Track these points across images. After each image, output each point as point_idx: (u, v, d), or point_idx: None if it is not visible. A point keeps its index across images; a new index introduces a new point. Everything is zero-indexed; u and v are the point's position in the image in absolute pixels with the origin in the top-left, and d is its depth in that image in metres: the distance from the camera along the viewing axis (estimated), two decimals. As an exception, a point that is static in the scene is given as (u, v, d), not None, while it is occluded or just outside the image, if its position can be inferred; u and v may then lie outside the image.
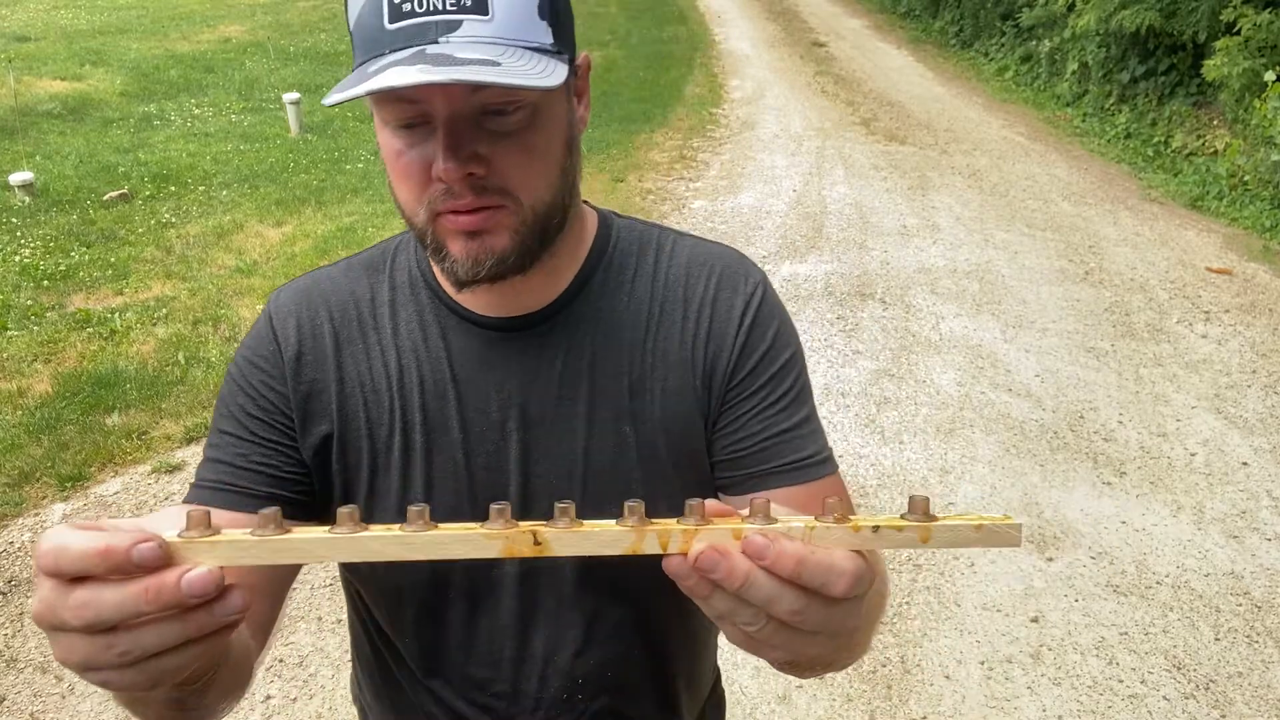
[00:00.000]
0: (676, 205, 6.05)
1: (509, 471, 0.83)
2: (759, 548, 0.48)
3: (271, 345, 0.85)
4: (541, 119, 0.74)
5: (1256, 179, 6.02)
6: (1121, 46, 8.03)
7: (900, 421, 3.64)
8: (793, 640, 0.51)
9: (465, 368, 0.83)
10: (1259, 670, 2.49)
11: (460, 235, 0.74)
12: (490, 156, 0.72)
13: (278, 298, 0.88)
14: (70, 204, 5.93)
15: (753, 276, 0.88)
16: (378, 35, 0.69)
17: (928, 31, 12.67)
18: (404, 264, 0.88)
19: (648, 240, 0.89)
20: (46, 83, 8.81)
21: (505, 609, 0.87)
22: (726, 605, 0.49)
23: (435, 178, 0.72)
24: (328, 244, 5.23)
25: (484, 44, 0.68)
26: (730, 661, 2.50)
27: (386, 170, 0.78)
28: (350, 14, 0.73)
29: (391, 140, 0.74)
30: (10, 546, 2.92)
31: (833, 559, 0.49)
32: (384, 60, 0.68)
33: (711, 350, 0.85)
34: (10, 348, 4.11)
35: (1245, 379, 4.00)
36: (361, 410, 0.84)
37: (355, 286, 0.87)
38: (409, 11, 0.68)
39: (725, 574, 0.48)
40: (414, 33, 0.68)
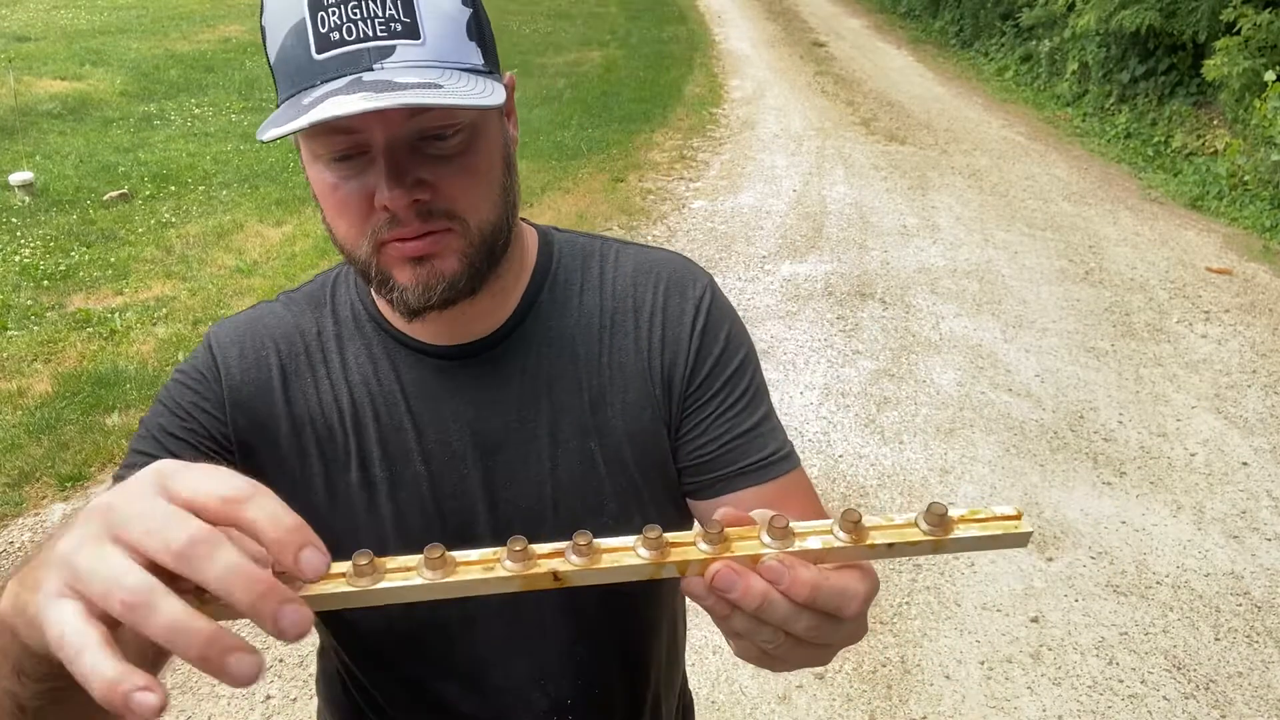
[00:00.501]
0: (676, 205, 6.05)
1: (476, 499, 0.82)
2: (775, 573, 0.48)
3: (209, 369, 0.82)
4: (479, 140, 0.73)
5: (1256, 179, 6.02)
6: (1121, 46, 8.03)
7: (900, 421, 3.64)
8: (807, 655, 0.53)
9: (420, 400, 0.82)
10: (1259, 670, 2.49)
11: (407, 263, 0.73)
12: (434, 181, 0.71)
13: (218, 330, 0.85)
14: (70, 204, 5.93)
15: (700, 280, 0.88)
16: (305, 66, 0.67)
17: (928, 31, 12.66)
18: (345, 298, 0.86)
19: (590, 252, 0.88)
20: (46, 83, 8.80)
21: (489, 637, 0.86)
22: (745, 625, 0.50)
23: (380, 207, 0.70)
24: (328, 244, 5.21)
25: (420, 68, 0.67)
26: (730, 661, 2.50)
27: (320, 206, 0.76)
28: (269, 48, 0.71)
29: (324, 174, 0.72)
30: (10, 546, 2.92)
31: (846, 584, 0.50)
32: (317, 91, 0.66)
33: (668, 357, 0.84)
34: (10, 348, 4.11)
35: (1245, 379, 4.00)
36: (314, 446, 0.82)
37: (300, 320, 0.85)
38: (338, 40, 0.66)
39: (742, 594, 0.48)
40: (345, 61, 0.66)
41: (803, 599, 0.49)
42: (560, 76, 9.70)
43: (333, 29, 0.66)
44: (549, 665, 0.87)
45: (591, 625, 0.87)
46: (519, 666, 0.87)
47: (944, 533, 0.50)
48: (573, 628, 0.87)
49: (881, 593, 2.75)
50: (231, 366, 0.82)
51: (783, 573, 0.48)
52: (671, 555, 0.49)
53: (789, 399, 3.78)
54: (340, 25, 0.66)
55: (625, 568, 0.48)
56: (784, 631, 0.50)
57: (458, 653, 0.86)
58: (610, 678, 0.90)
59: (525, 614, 0.85)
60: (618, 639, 0.89)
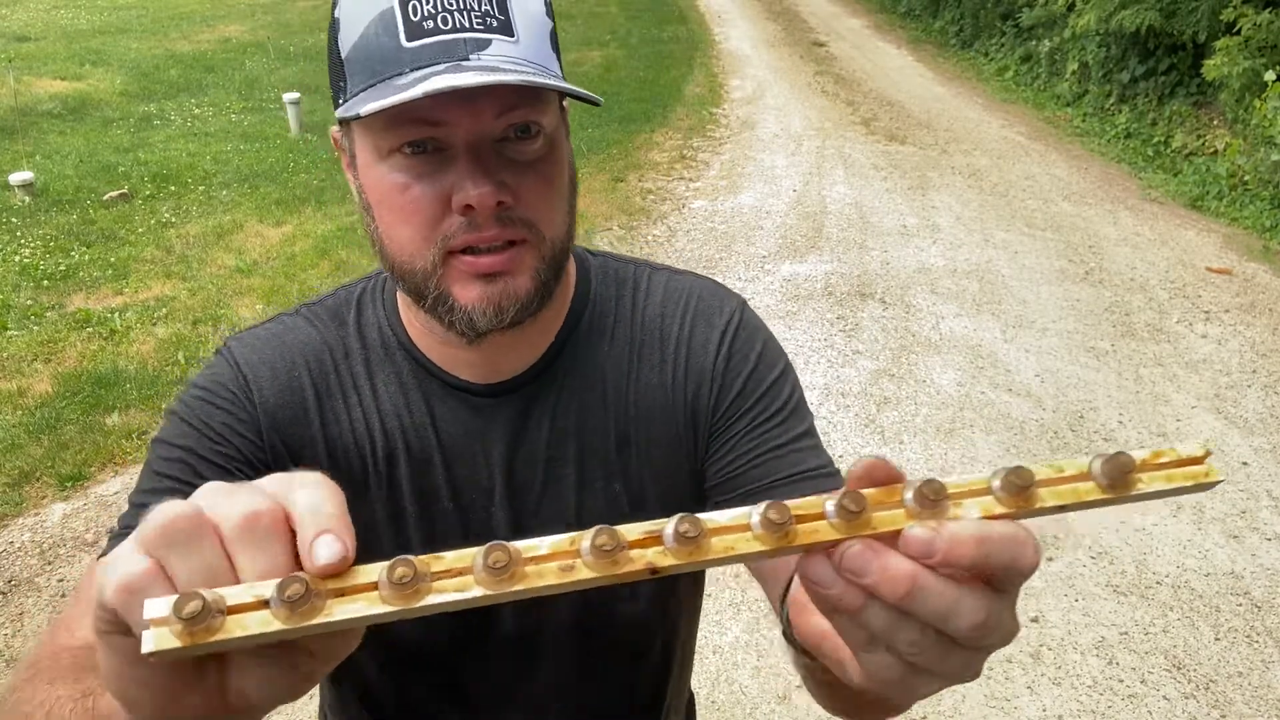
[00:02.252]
0: (676, 205, 6.05)
1: (502, 538, 0.80)
2: (924, 545, 0.38)
3: (239, 388, 0.77)
4: (556, 150, 0.71)
5: (1256, 179, 6.02)
6: (1121, 46, 8.03)
7: (900, 421, 3.64)
8: (964, 662, 0.41)
9: (451, 435, 0.79)
10: (1259, 670, 2.49)
11: (475, 280, 0.68)
12: (515, 186, 0.67)
13: (240, 347, 0.80)
14: (70, 204, 5.93)
15: (728, 305, 0.84)
16: (392, 54, 0.64)
17: (928, 31, 12.66)
18: (371, 320, 0.81)
19: (624, 279, 0.86)
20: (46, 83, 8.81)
21: (503, 656, 0.84)
22: (884, 622, 0.39)
23: (459, 207, 0.66)
24: (328, 244, 5.23)
25: (519, 63, 0.65)
26: (730, 661, 2.50)
27: (372, 212, 0.71)
28: (343, 39, 0.67)
29: (391, 174, 0.67)
30: (10, 546, 2.92)
31: (1012, 528, 0.39)
32: (412, 75, 0.63)
33: (691, 389, 0.81)
34: (10, 348, 4.11)
35: (1245, 379, 4.00)
36: (346, 474, 0.78)
37: (327, 338, 0.81)
38: (431, 29, 0.64)
39: (879, 578, 0.38)
40: (440, 50, 0.64)
41: (969, 560, 0.37)
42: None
43: (426, 17, 0.64)
44: (566, 681, 0.86)
45: (601, 653, 0.86)
46: (526, 690, 0.86)
47: (1124, 489, 0.40)
48: (580, 655, 0.85)
49: (881, 593, 2.76)
50: (264, 386, 0.77)
51: (934, 542, 0.38)
52: (798, 538, 0.39)
53: (789, 399, 3.78)
54: (434, 14, 0.64)
55: (737, 555, 0.40)
56: (936, 630, 0.39)
57: (475, 668, 0.85)
58: (627, 690, 0.90)
59: (543, 632, 0.84)
60: (631, 651, 0.88)
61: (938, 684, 0.42)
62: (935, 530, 0.38)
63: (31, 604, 2.70)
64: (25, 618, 2.65)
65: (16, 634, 2.60)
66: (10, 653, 2.54)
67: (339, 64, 0.68)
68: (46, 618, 2.65)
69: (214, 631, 0.36)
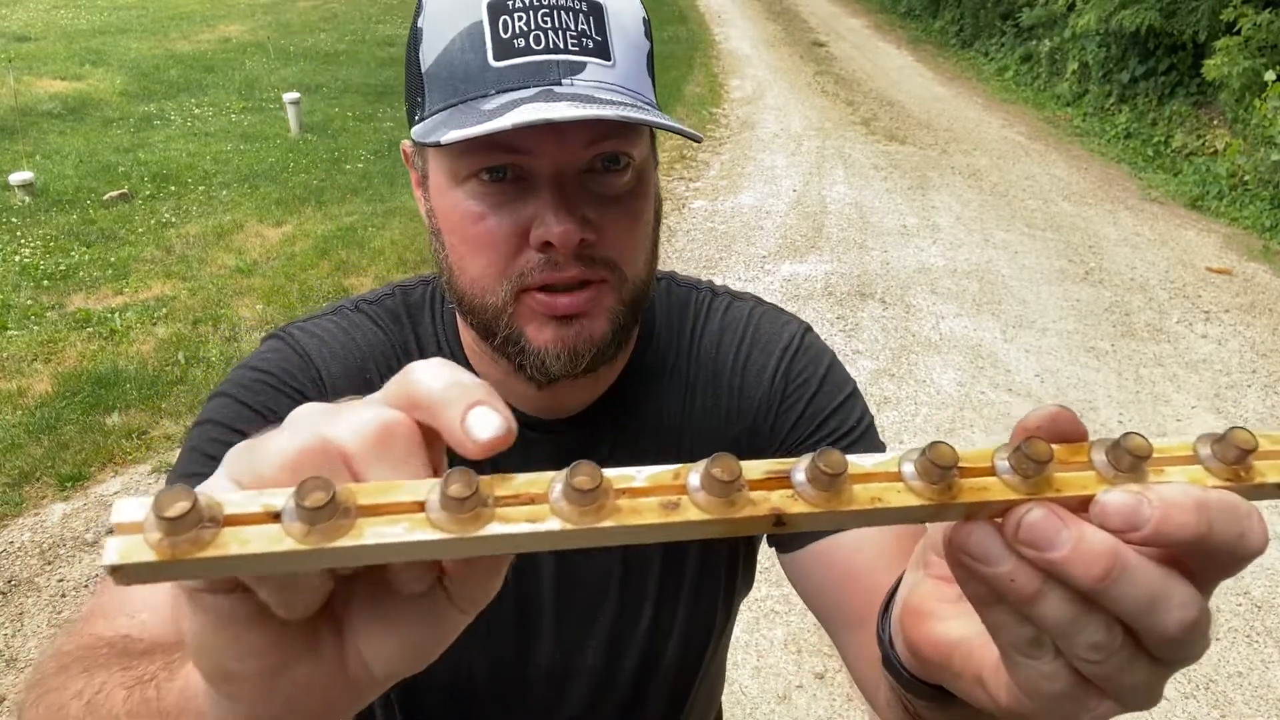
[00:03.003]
0: (676, 205, 6.05)
1: (545, 571, 0.77)
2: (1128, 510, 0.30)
3: (309, 378, 0.71)
4: (644, 185, 0.66)
5: (1256, 179, 6.02)
6: (1121, 46, 8.03)
7: (900, 421, 3.64)
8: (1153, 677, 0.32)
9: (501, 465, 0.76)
10: (1259, 670, 2.49)
11: (550, 321, 0.63)
12: (599, 222, 0.63)
13: (303, 333, 0.74)
14: (70, 204, 5.93)
15: (787, 331, 0.80)
16: (477, 73, 0.60)
17: (928, 31, 12.66)
18: (430, 333, 0.76)
19: (686, 306, 0.81)
20: (46, 83, 8.81)
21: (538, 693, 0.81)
22: (1066, 613, 0.31)
23: (538, 243, 0.61)
24: (328, 244, 5.23)
25: (614, 90, 0.60)
26: (730, 661, 2.50)
27: (443, 239, 0.65)
28: (425, 51, 0.63)
29: (465, 202, 0.62)
30: (10, 546, 2.92)
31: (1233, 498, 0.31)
32: (498, 99, 0.58)
33: (746, 420, 0.77)
34: (10, 348, 4.11)
35: (1245, 379, 4.00)
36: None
37: (393, 340, 0.76)
38: (522, 48, 0.59)
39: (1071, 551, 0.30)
40: (531, 71, 0.59)
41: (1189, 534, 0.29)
42: (560, 76, 9.68)
43: (517, 35, 0.59)
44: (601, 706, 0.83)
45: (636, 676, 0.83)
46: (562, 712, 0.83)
47: None
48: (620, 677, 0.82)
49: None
50: (336, 381, 0.72)
51: (1140, 509, 0.29)
52: (963, 494, 0.31)
53: (789, 399, 3.78)
54: (526, 33, 0.59)
55: (886, 511, 0.31)
56: (1127, 628, 0.31)
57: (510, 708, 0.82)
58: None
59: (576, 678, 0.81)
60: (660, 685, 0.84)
61: (1106, 709, 0.33)
62: (1141, 495, 0.30)
63: (31, 604, 2.70)
64: (25, 618, 2.65)
65: (16, 634, 2.60)
66: (10, 653, 2.54)
67: (418, 77, 0.64)
68: (46, 618, 2.65)
69: (203, 545, 0.28)
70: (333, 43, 11.45)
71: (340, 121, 7.98)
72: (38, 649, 2.54)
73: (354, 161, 6.97)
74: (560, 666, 0.80)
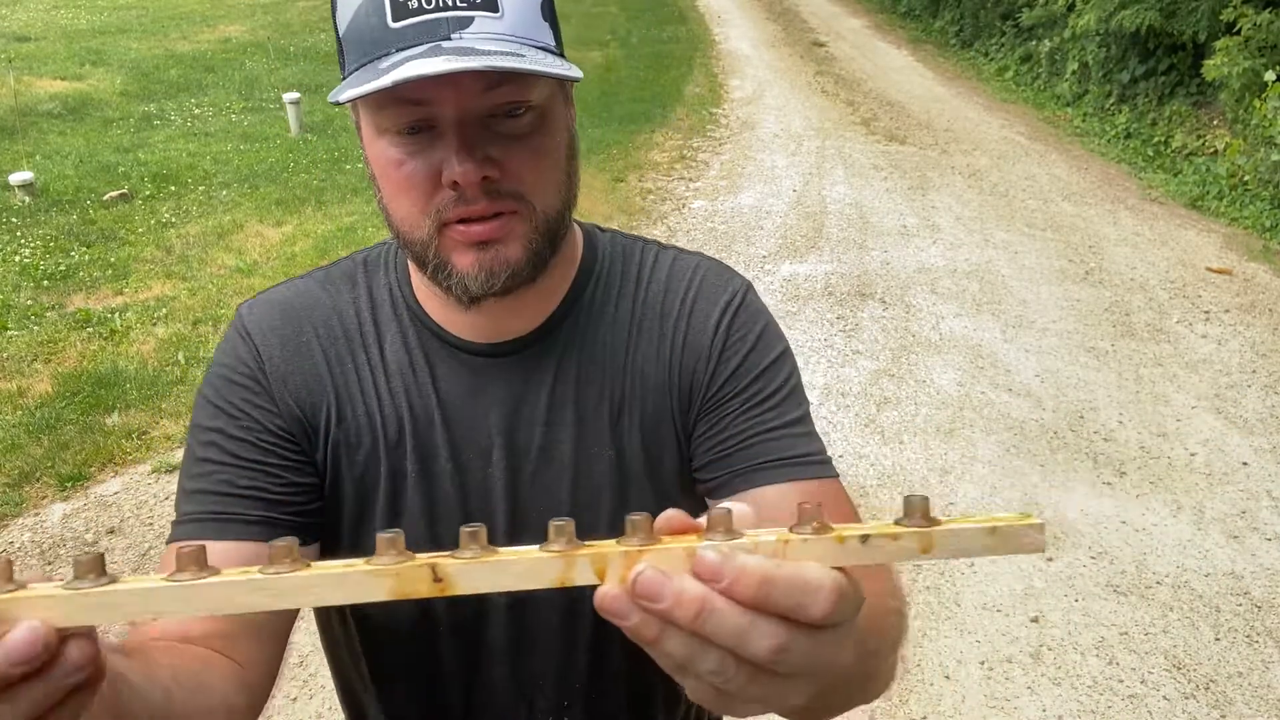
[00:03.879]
0: (676, 205, 6.05)
1: (498, 498, 0.82)
2: (712, 566, 0.38)
3: (253, 360, 0.80)
4: (549, 122, 0.73)
5: (1256, 179, 6.02)
6: (1121, 46, 8.03)
7: (900, 421, 3.64)
8: (772, 689, 0.41)
9: (452, 395, 0.81)
10: (1259, 670, 2.49)
11: (470, 248, 0.71)
12: (503, 159, 0.70)
13: (250, 312, 0.83)
14: (70, 204, 5.93)
15: (732, 285, 0.85)
16: (380, 35, 0.67)
17: (928, 31, 12.67)
18: (383, 282, 0.84)
19: (631, 254, 0.87)
20: (46, 83, 8.81)
21: (494, 638, 0.85)
22: (683, 649, 0.39)
23: (448, 183, 0.69)
24: (328, 244, 5.23)
25: (500, 39, 0.67)
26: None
27: (377, 184, 0.74)
28: (340, 19, 0.71)
29: (388, 150, 0.71)
30: (10, 546, 2.92)
31: (804, 573, 0.38)
32: (394, 58, 0.66)
33: (688, 366, 0.82)
34: (10, 348, 4.11)
35: (1245, 379, 4.00)
36: (355, 434, 0.81)
37: (337, 301, 0.83)
38: (415, 8, 0.66)
39: (673, 602, 0.37)
40: (423, 29, 0.66)
41: (750, 595, 0.37)
42: (560, 76, 9.68)
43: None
44: (550, 666, 0.87)
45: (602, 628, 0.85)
46: (521, 666, 0.86)
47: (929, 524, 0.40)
48: (583, 630, 0.86)
49: (881, 593, 2.75)
50: (274, 355, 0.80)
51: (722, 563, 0.38)
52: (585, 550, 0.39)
53: (789, 399, 3.78)
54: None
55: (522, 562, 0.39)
56: (735, 655, 0.39)
57: (466, 655, 0.86)
58: (612, 680, 0.89)
59: (532, 615, 0.84)
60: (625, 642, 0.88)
61: (763, 707, 0.42)
62: (726, 555, 0.38)
63: None
64: (25, 618, 2.65)
65: (16, 634, 2.60)
66: (10, 653, 2.54)
67: (339, 43, 0.71)
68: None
69: None
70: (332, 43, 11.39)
71: (340, 121, 7.98)
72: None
73: (354, 161, 6.97)
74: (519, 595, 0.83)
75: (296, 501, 0.79)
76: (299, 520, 0.79)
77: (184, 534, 0.76)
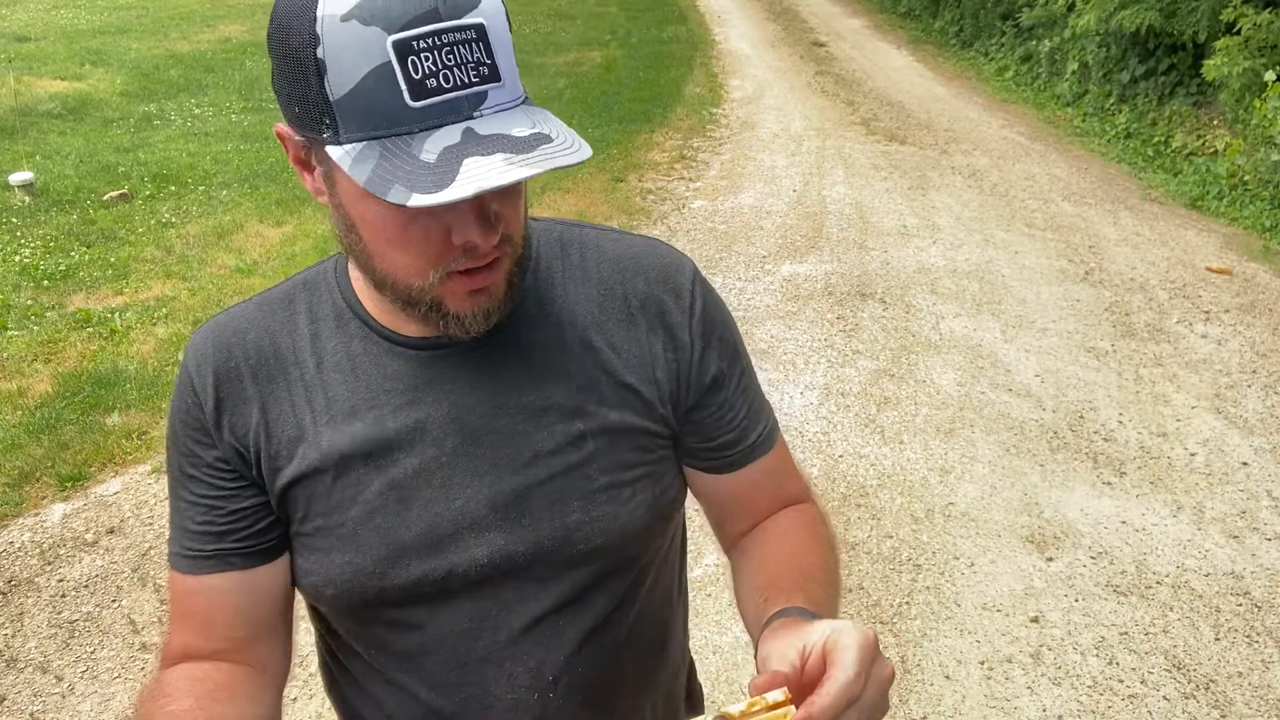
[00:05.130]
0: (676, 205, 6.05)
1: (460, 486, 0.83)
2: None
3: (191, 399, 0.84)
4: None
5: (1256, 179, 6.02)
6: (1121, 46, 8.03)
7: (900, 421, 3.64)
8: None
9: (401, 394, 0.83)
10: (1259, 670, 2.49)
11: (465, 292, 0.75)
12: (500, 211, 0.73)
13: (191, 345, 0.86)
14: (70, 204, 5.93)
15: (686, 268, 0.91)
16: (398, 114, 0.66)
17: (928, 31, 12.67)
18: (326, 297, 0.86)
19: (568, 240, 0.90)
20: (46, 83, 8.81)
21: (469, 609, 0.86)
22: None
23: (462, 244, 0.72)
24: (328, 244, 5.23)
25: (511, 111, 0.69)
26: (730, 661, 2.50)
27: (357, 234, 0.74)
28: (331, 82, 0.67)
29: (387, 213, 0.71)
30: (10, 546, 2.92)
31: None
32: (428, 142, 0.66)
33: (670, 350, 0.87)
34: (10, 348, 4.11)
35: (1245, 379, 4.00)
36: (297, 449, 0.82)
37: (270, 323, 0.86)
38: (434, 88, 0.66)
39: None
40: (446, 109, 0.67)
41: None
42: (560, 76, 9.69)
43: (428, 75, 0.66)
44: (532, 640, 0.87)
45: (577, 601, 0.87)
46: (501, 636, 0.86)
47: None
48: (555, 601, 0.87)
49: (881, 593, 2.75)
50: (207, 390, 0.83)
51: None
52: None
53: (789, 399, 3.78)
54: (435, 72, 0.66)
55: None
56: None
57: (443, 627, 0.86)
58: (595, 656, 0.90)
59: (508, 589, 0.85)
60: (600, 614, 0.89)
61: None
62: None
63: (31, 604, 2.70)
64: (25, 618, 2.65)
65: (17, 634, 2.60)
66: (10, 653, 2.54)
67: (324, 103, 0.68)
68: (46, 618, 2.65)
69: None
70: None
71: (340, 121, 7.97)
72: (37, 649, 2.54)
73: (354, 161, 6.96)
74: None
75: (241, 527, 0.84)
76: (251, 545, 0.84)
77: (183, 567, 0.85)
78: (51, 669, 2.48)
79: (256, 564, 0.84)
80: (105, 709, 2.36)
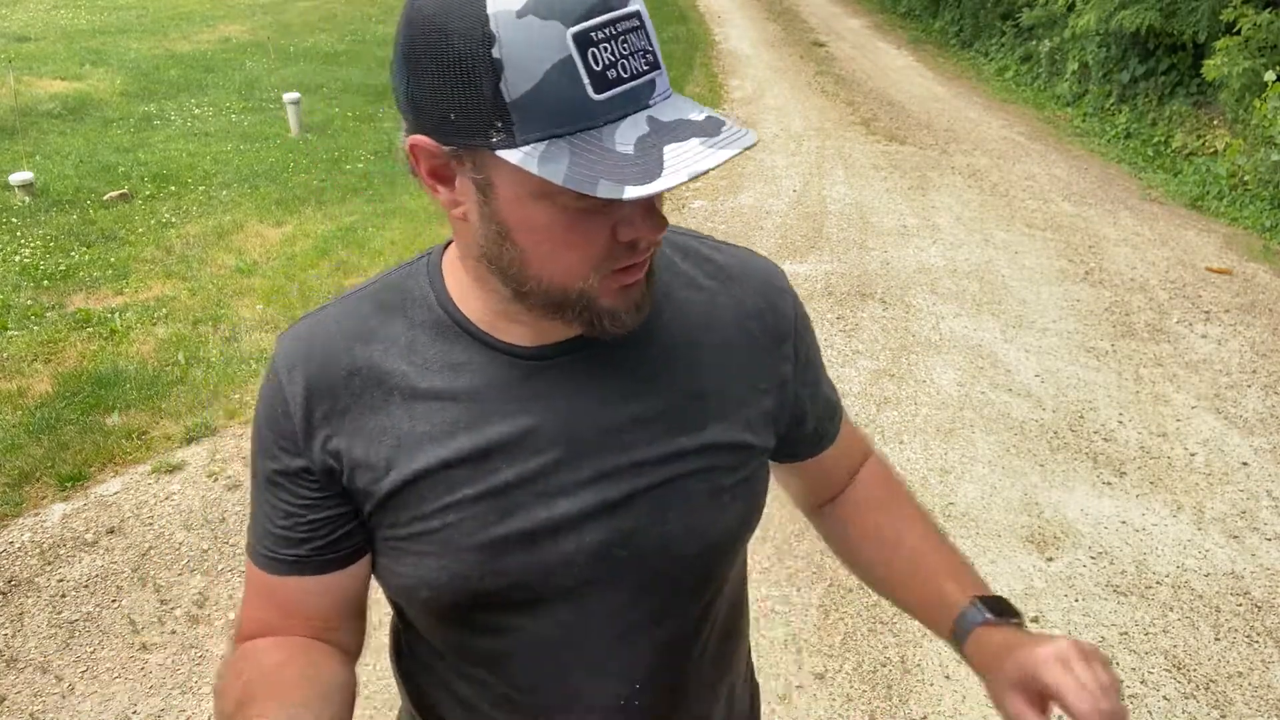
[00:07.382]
0: (676, 205, 6.05)
1: (561, 495, 0.81)
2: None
3: (280, 407, 0.82)
4: None
5: (1256, 179, 6.02)
6: (1121, 46, 8.03)
7: (900, 421, 3.64)
8: None
9: (504, 401, 0.80)
10: (1259, 670, 2.49)
11: (618, 288, 0.74)
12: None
13: (282, 349, 0.84)
14: (70, 204, 5.93)
15: (781, 274, 0.96)
16: (583, 106, 0.65)
17: (928, 31, 12.67)
18: (421, 302, 0.83)
19: (675, 246, 0.89)
20: (46, 83, 8.81)
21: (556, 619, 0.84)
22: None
23: (628, 240, 0.71)
24: (328, 244, 5.23)
25: (674, 98, 0.69)
26: (730, 661, 2.50)
27: (513, 238, 0.72)
28: (510, 81, 0.65)
29: (555, 213, 0.69)
30: (10, 546, 2.92)
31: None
32: (609, 129, 0.66)
33: (777, 349, 0.91)
34: (10, 348, 4.11)
35: (1245, 379, 4.00)
36: (397, 459, 0.80)
37: (363, 329, 0.82)
38: (615, 79, 0.66)
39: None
40: (627, 99, 0.66)
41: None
42: (560, 76, 9.68)
43: (607, 67, 0.65)
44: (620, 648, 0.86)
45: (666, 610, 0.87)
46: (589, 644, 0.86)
47: None
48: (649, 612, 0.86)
49: (881, 593, 2.75)
50: (298, 398, 0.81)
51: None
52: None
53: (789, 399, 3.78)
54: (614, 63, 0.65)
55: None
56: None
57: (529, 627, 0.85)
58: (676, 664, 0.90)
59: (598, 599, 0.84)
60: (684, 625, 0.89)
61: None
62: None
63: (31, 604, 2.70)
64: (25, 618, 2.65)
65: (16, 634, 2.60)
66: (10, 653, 2.54)
67: (499, 107, 0.66)
68: (46, 618, 2.65)
69: None
70: (332, 43, 11.46)
71: (340, 121, 7.98)
72: (37, 649, 2.54)
73: (354, 161, 6.97)
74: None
75: (320, 535, 0.83)
76: (329, 554, 0.84)
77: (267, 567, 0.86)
78: (51, 669, 2.48)
79: (333, 570, 0.84)
80: (105, 709, 2.36)
